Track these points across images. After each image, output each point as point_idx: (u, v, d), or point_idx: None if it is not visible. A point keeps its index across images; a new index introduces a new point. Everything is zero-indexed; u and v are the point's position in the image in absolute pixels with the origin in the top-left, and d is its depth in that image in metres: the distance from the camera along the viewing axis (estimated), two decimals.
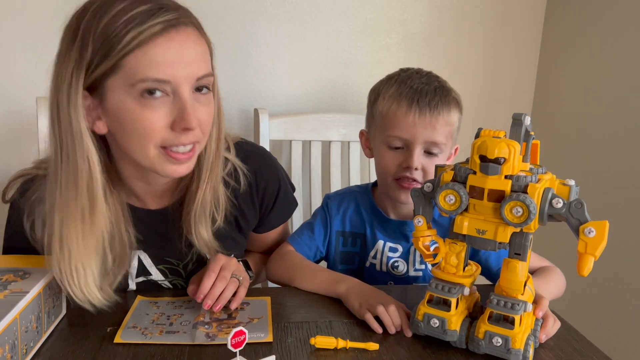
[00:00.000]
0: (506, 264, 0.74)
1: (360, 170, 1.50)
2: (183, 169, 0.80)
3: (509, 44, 1.66)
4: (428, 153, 0.97)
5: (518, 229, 0.71)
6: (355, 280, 0.92)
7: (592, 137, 1.48)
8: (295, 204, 1.08)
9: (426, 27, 1.60)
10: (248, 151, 0.97)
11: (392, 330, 0.80)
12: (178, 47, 0.73)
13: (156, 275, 0.95)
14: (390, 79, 1.02)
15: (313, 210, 1.45)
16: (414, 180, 0.97)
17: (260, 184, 0.98)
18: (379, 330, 0.80)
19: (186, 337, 0.77)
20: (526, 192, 0.68)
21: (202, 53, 0.77)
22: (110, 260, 0.83)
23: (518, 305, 0.71)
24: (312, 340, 0.75)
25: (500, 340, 0.71)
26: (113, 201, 0.83)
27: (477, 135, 0.73)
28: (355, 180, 1.48)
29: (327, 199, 1.11)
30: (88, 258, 0.78)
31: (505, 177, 0.70)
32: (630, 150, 1.35)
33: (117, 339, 0.76)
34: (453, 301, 0.75)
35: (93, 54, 0.72)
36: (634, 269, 1.33)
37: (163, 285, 0.97)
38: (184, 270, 0.97)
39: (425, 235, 0.79)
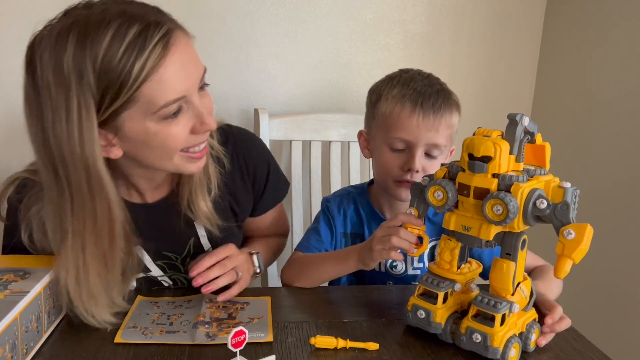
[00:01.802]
0: (495, 263, 0.74)
1: (360, 170, 1.50)
2: (202, 162, 0.83)
3: (509, 44, 1.66)
4: (428, 155, 0.98)
5: (500, 228, 0.71)
6: (355, 247, 0.94)
7: (592, 137, 1.48)
8: (288, 183, 1.09)
9: (426, 27, 1.60)
10: (234, 134, 0.98)
11: (411, 238, 0.82)
12: (181, 59, 0.73)
13: (155, 271, 0.95)
14: (391, 80, 1.02)
15: (313, 209, 1.46)
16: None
17: (249, 165, 0.98)
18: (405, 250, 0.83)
19: (186, 336, 0.77)
20: (509, 191, 0.69)
21: (194, 52, 0.77)
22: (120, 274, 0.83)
23: (501, 304, 0.72)
24: (312, 340, 0.75)
25: (479, 337, 0.72)
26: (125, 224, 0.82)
27: (474, 135, 0.74)
28: (355, 180, 1.48)
29: (327, 202, 1.11)
30: (106, 286, 0.79)
31: (493, 175, 0.70)
32: (630, 150, 1.35)
33: (118, 339, 0.76)
34: (440, 295, 0.77)
35: (101, 93, 0.69)
36: (634, 269, 1.33)
37: (162, 281, 0.97)
38: (182, 264, 0.97)
39: (412, 227, 0.81)
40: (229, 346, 0.65)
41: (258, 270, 0.97)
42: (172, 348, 0.74)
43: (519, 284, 0.74)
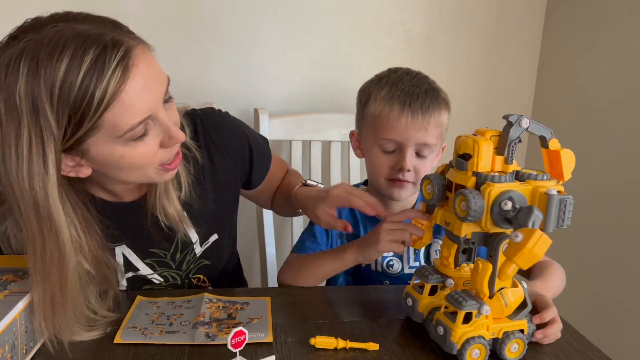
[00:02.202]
0: (475, 262, 0.75)
1: (360, 170, 1.50)
2: (175, 172, 0.82)
3: (509, 44, 1.66)
4: (419, 154, 0.99)
5: (473, 226, 0.72)
6: (352, 242, 0.95)
7: (592, 137, 1.48)
8: (266, 140, 1.08)
9: (426, 27, 1.60)
10: (201, 118, 0.96)
11: (420, 233, 0.83)
12: (144, 78, 0.69)
13: (144, 269, 0.94)
14: (380, 80, 1.02)
15: None
16: (406, 181, 0.98)
17: (226, 143, 0.96)
18: (408, 244, 0.86)
19: (186, 337, 0.77)
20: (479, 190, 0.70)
21: (156, 66, 0.73)
22: (97, 289, 0.81)
23: (466, 302, 0.72)
24: (312, 340, 0.75)
25: (442, 329, 0.73)
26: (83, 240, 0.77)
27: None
28: (355, 180, 1.48)
29: None
30: (72, 316, 0.74)
31: (473, 173, 0.71)
32: (630, 150, 1.35)
33: (117, 339, 0.76)
34: (426, 286, 0.79)
35: (61, 123, 0.65)
36: (634, 269, 1.33)
37: (153, 279, 0.95)
38: (172, 260, 0.95)
39: (420, 221, 0.83)
40: (229, 346, 0.65)
41: (321, 185, 1.02)
42: (172, 348, 0.74)
43: (501, 289, 0.73)
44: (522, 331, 0.74)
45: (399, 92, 0.97)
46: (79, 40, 0.65)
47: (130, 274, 0.94)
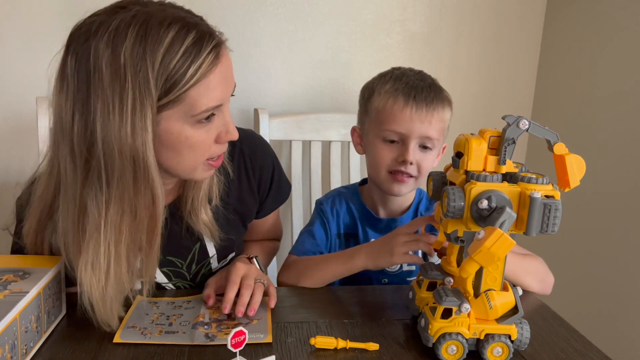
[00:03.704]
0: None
1: (360, 170, 1.50)
2: (213, 171, 0.86)
3: (509, 44, 1.66)
4: (422, 147, 0.99)
5: (458, 223, 0.73)
6: (361, 247, 0.97)
7: (592, 137, 1.48)
8: (290, 186, 1.11)
9: (426, 27, 1.60)
10: (240, 135, 0.97)
11: (433, 240, 0.86)
12: (226, 70, 0.77)
13: (160, 277, 0.95)
14: (383, 76, 1.03)
15: (313, 210, 1.46)
16: (409, 174, 0.98)
17: (255, 166, 1.00)
18: (420, 255, 0.90)
19: (185, 337, 0.77)
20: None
21: (232, 66, 0.80)
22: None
23: (446, 297, 0.72)
24: (312, 340, 0.75)
25: (423, 322, 0.76)
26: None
27: None
28: (356, 180, 1.47)
29: (320, 204, 1.11)
30: (128, 284, 0.78)
31: (465, 171, 0.72)
32: (630, 150, 1.35)
33: (117, 339, 0.76)
34: (424, 282, 0.81)
35: (155, 91, 0.70)
36: (634, 269, 1.33)
37: (167, 288, 0.97)
38: (188, 272, 0.97)
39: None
40: (229, 346, 0.65)
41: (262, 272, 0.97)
42: (171, 348, 0.74)
43: (488, 290, 0.73)
44: (509, 337, 0.73)
45: (404, 85, 0.98)
46: (183, 22, 0.72)
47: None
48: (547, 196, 0.68)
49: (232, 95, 0.81)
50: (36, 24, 1.39)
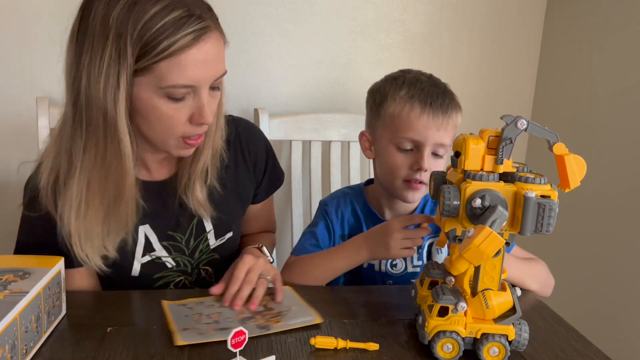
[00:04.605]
0: None
1: (360, 170, 1.50)
2: (191, 151, 0.89)
3: (509, 44, 1.66)
4: (434, 155, 0.99)
5: (454, 222, 0.73)
6: (361, 241, 0.97)
7: (592, 137, 1.48)
8: (283, 173, 1.15)
9: (426, 27, 1.60)
10: (236, 121, 1.05)
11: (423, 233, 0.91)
12: (204, 55, 0.79)
13: (160, 251, 0.97)
14: (395, 80, 1.02)
15: (313, 210, 1.46)
16: (422, 182, 0.98)
17: (251, 150, 1.05)
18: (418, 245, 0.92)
19: None
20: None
21: (221, 55, 0.83)
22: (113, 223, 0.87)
23: (443, 295, 0.73)
24: (312, 340, 0.75)
25: (421, 319, 0.76)
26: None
27: None
28: (355, 180, 1.48)
29: (325, 205, 1.11)
30: (102, 231, 0.85)
31: (462, 171, 0.72)
32: (630, 150, 1.35)
33: (178, 342, 0.74)
34: (426, 280, 0.81)
35: (130, 54, 0.76)
36: (634, 269, 1.33)
37: (167, 262, 0.98)
38: (187, 246, 0.99)
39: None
40: (229, 346, 0.65)
41: (271, 260, 1.00)
42: (171, 348, 0.74)
43: (485, 290, 0.73)
44: (506, 337, 0.73)
45: (419, 91, 0.98)
46: (176, 1, 0.77)
47: (146, 258, 0.96)
48: (542, 196, 0.68)
49: (216, 84, 0.84)
50: (36, 24, 1.39)
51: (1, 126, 1.44)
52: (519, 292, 0.76)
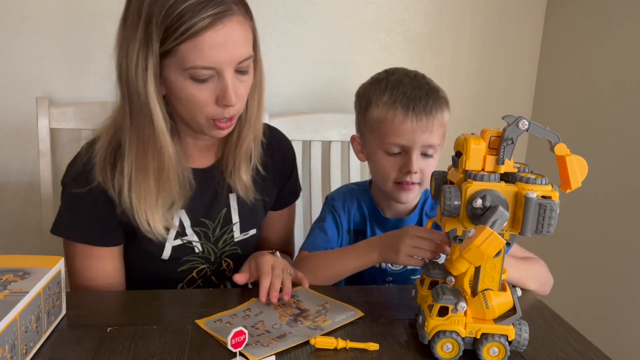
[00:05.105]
0: None
1: (360, 170, 1.50)
2: (224, 132, 0.93)
3: (509, 44, 1.66)
4: (424, 155, 0.99)
5: (455, 222, 0.73)
6: (374, 242, 0.96)
7: (592, 137, 1.48)
8: (301, 189, 1.20)
9: (426, 27, 1.60)
10: (272, 129, 1.11)
11: (440, 251, 0.86)
12: (223, 38, 0.82)
13: (191, 236, 1.00)
14: (379, 84, 1.02)
15: (313, 209, 1.46)
16: (413, 183, 0.99)
17: (280, 156, 1.09)
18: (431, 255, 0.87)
19: (296, 337, 0.77)
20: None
21: (244, 39, 0.86)
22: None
23: (443, 295, 0.73)
24: (312, 340, 0.75)
25: (421, 319, 0.76)
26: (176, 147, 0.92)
27: None
28: (355, 180, 1.48)
29: (332, 200, 1.11)
30: (157, 201, 0.91)
31: (463, 171, 0.72)
32: (630, 150, 1.35)
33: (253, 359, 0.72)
34: (426, 280, 0.81)
35: (156, 39, 0.81)
36: (634, 269, 1.33)
37: (195, 247, 1.01)
38: (213, 234, 1.03)
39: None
40: (229, 346, 0.65)
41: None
42: (171, 348, 0.74)
43: (485, 290, 0.73)
44: (506, 337, 0.73)
45: (401, 95, 0.97)
46: None
47: (177, 242, 0.99)
48: (543, 197, 0.68)
49: (242, 67, 0.87)
50: (36, 24, 1.39)
51: (1, 126, 1.44)
52: (519, 293, 0.75)
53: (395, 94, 0.98)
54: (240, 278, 0.91)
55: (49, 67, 1.41)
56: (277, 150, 1.09)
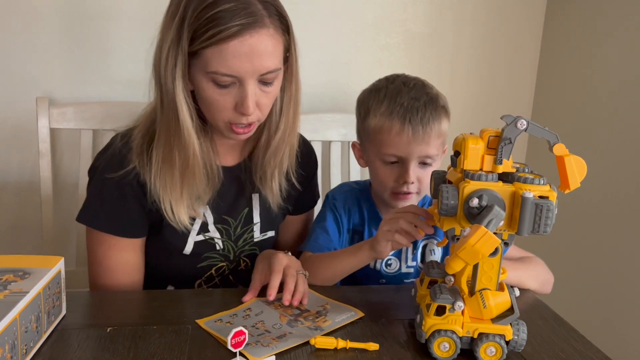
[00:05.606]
0: None
1: (360, 171, 1.50)
2: (242, 137, 0.93)
3: (509, 44, 1.66)
4: (423, 163, 0.99)
5: (453, 222, 0.73)
6: (367, 240, 0.96)
7: (592, 137, 1.48)
8: (319, 197, 1.22)
9: (426, 27, 1.60)
10: (304, 139, 1.13)
11: (418, 235, 0.86)
12: (248, 49, 0.82)
13: (213, 232, 1.01)
14: (378, 93, 1.02)
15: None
16: (410, 193, 1.00)
17: (304, 162, 1.09)
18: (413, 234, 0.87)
19: (297, 337, 0.77)
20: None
21: (271, 52, 0.86)
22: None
23: (440, 294, 0.73)
24: (312, 341, 0.75)
25: (419, 318, 0.77)
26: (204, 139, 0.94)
27: None
28: (355, 179, 1.47)
29: (333, 199, 1.12)
30: (182, 192, 0.92)
31: (462, 170, 0.72)
32: (630, 150, 1.35)
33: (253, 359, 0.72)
34: (425, 280, 0.82)
35: (186, 39, 0.83)
36: (634, 269, 1.33)
37: (217, 244, 1.02)
38: (234, 232, 1.04)
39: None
40: (229, 346, 0.65)
41: None
42: (171, 348, 0.74)
43: (483, 289, 0.73)
44: (503, 337, 0.73)
45: (398, 107, 0.97)
46: None
47: (200, 237, 1.00)
48: (541, 196, 0.68)
49: (267, 79, 0.87)
50: (36, 23, 1.39)
51: (1, 126, 1.44)
52: (517, 293, 0.75)
53: (393, 104, 0.98)
54: (247, 297, 0.90)
55: (49, 67, 1.41)
56: (307, 161, 1.11)
